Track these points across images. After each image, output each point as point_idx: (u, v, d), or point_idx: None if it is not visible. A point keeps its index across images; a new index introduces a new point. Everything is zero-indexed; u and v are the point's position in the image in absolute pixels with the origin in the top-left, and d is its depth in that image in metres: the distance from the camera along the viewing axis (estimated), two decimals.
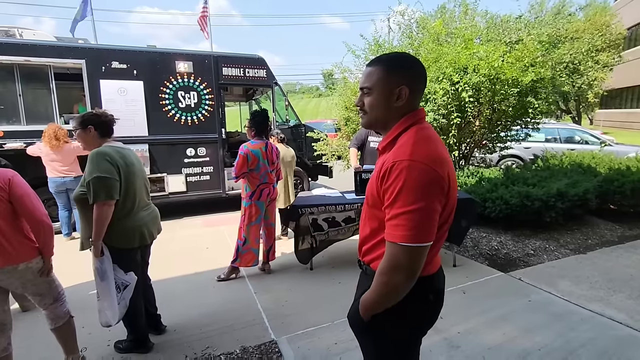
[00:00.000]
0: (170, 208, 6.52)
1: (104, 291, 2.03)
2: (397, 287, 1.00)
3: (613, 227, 4.61)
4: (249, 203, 3.33)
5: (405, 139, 1.04)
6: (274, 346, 2.37)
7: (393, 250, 0.97)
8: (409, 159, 0.96)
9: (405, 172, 0.94)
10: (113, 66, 5.20)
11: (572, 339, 2.32)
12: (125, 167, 2.08)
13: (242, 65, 6.12)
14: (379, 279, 1.02)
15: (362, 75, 1.13)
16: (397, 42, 6.23)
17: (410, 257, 0.96)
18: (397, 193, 0.95)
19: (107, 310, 2.04)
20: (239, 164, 3.21)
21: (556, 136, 9.07)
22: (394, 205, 0.95)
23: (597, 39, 18.38)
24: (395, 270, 0.98)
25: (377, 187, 1.04)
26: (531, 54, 4.91)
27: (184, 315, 2.78)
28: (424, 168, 0.95)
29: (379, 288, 1.03)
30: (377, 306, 1.06)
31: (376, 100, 1.09)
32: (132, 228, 2.14)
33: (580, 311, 2.67)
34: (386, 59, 1.10)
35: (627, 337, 2.34)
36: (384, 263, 1.00)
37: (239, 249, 3.36)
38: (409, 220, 0.93)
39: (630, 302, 2.78)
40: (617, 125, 20.98)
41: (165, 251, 4.28)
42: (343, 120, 6.53)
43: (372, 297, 1.06)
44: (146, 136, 5.47)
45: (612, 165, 5.36)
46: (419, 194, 0.93)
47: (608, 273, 3.31)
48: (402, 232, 0.94)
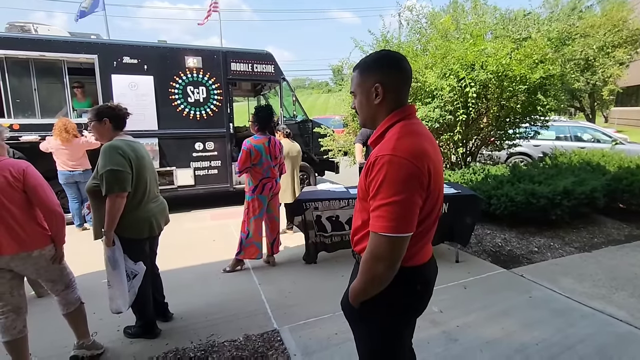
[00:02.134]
0: (179, 201, 6.65)
1: (115, 279, 2.12)
2: (378, 275, 1.05)
3: (620, 226, 4.56)
4: (251, 197, 3.40)
5: (391, 134, 1.09)
6: (276, 335, 2.44)
7: (375, 240, 1.02)
8: (390, 153, 1.00)
9: (387, 166, 0.99)
10: (124, 61, 5.31)
11: (570, 334, 2.34)
12: (137, 160, 2.16)
13: (251, 60, 6.18)
14: (363, 267, 1.07)
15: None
16: (404, 37, 6.20)
17: (391, 247, 1.00)
18: (378, 186, 1.00)
19: (119, 298, 2.13)
20: (242, 159, 3.28)
21: (567, 134, 8.92)
22: (376, 197, 1.01)
23: (613, 35, 17.90)
24: (376, 259, 1.03)
25: (364, 180, 1.09)
26: (540, 51, 4.85)
27: (190, 304, 2.88)
28: (404, 162, 0.99)
29: (363, 276, 1.08)
30: (362, 293, 1.11)
31: (359, 102, 1.18)
32: (141, 219, 2.23)
33: (580, 308, 2.68)
34: (362, 63, 1.18)
35: (626, 334, 2.35)
36: (367, 253, 1.05)
37: (243, 242, 3.44)
38: (389, 212, 0.98)
39: (632, 300, 2.78)
40: (632, 124, 20.50)
41: (174, 242, 4.39)
42: (350, 116, 6.55)
43: (358, 284, 1.11)
44: (156, 130, 5.59)
45: (621, 163, 5.29)
46: (399, 187, 0.98)
47: (612, 271, 3.30)
48: (383, 223, 0.99)
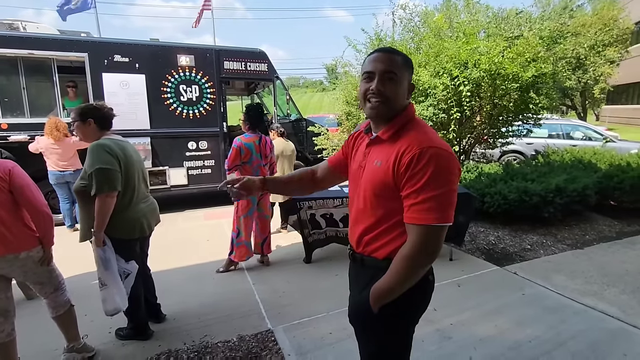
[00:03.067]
0: (172, 201, 6.59)
1: (110, 279, 2.08)
2: (422, 268, 1.05)
3: (612, 223, 4.61)
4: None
5: (415, 129, 1.08)
6: (270, 335, 2.43)
7: (424, 232, 1.00)
8: (435, 146, 1.01)
9: (435, 159, 0.99)
10: (115, 59, 5.24)
11: (562, 331, 2.36)
12: (125, 159, 2.13)
13: (244, 59, 6.13)
14: (405, 263, 1.03)
15: (378, 60, 1.09)
16: (398, 36, 6.21)
17: (440, 237, 1.01)
18: (428, 178, 0.98)
19: (116, 295, 2.09)
20: (232, 157, 3.27)
21: (559, 132, 9.00)
22: (424, 190, 0.98)
23: (604, 34, 18.12)
24: (424, 252, 1.01)
25: (393, 176, 1.04)
26: (532, 49, 4.88)
27: (183, 305, 2.85)
28: (448, 155, 1.02)
29: (403, 272, 1.04)
30: (394, 293, 1.07)
31: (397, 90, 1.10)
32: (132, 219, 2.19)
33: (572, 305, 2.71)
34: (400, 52, 1.13)
35: (617, 330, 2.37)
36: (413, 247, 1.01)
37: (234, 242, 3.41)
38: (440, 202, 0.98)
39: (623, 296, 2.81)
40: (623, 122, 20.77)
41: (167, 243, 4.35)
42: (344, 114, 6.55)
43: (388, 284, 1.06)
44: (148, 129, 5.53)
45: (612, 161, 5.35)
46: (448, 178, 1.00)
47: (604, 268, 3.33)
48: (435, 215, 0.98)
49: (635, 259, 3.52)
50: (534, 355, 2.14)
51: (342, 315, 2.60)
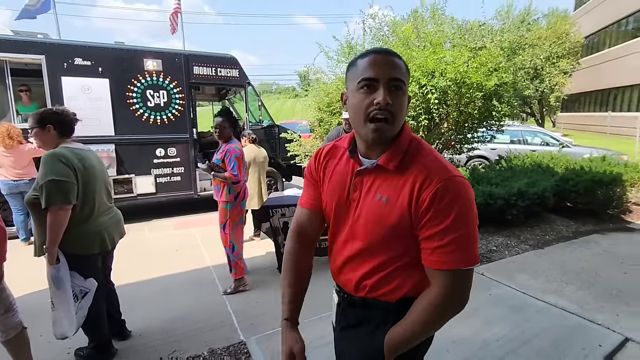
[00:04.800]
0: (139, 210, 6.33)
1: (60, 300, 1.93)
2: (450, 317, 0.90)
3: (569, 224, 4.90)
4: (233, 205, 3.09)
5: (423, 152, 0.92)
6: (242, 347, 2.37)
7: (454, 277, 0.85)
8: (454, 174, 0.85)
9: (460, 192, 0.84)
10: (76, 63, 4.99)
11: (527, 329, 2.46)
12: (84, 169, 2.00)
13: (214, 64, 6.03)
14: (433, 315, 0.88)
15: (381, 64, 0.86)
16: (368, 45, 6.33)
17: (470, 279, 0.88)
18: (455, 216, 0.83)
19: (64, 319, 1.94)
20: (240, 166, 3.03)
21: (520, 138, 9.52)
22: (452, 230, 0.83)
23: (558, 46, 19.49)
24: (456, 301, 0.88)
25: (410, 215, 0.87)
26: (494, 60, 5.14)
27: (150, 320, 2.72)
28: (468, 184, 0.87)
29: (429, 324, 0.89)
30: (414, 343, 0.93)
31: (406, 103, 0.91)
32: (91, 233, 2.06)
33: (536, 303, 2.84)
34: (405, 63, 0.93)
35: (576, 326, 2.50)
36: (442, 296, 0.86)
37: (231, 258, 3.13)
38: (466, 242, 0.85)
39: (580, 293, 2.98)
40: (576, 128, 22.30)
41: (133, 254, 4.16)
42: (316, 121, 6.58)
43: (413, 335, 0.91)
44: (112, 136, 5.29)
45: (568, 165, 5.70)
46: (473, 212, 0.86)
47: (562, 266, 3.53)
48: (463, 255, 0.84)
49: (590, 257, 3.75)
50: (502, 354, 2.22)
51: (317, 323, 2.58)
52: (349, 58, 5.98)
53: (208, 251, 4.21)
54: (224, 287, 3.25)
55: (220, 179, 3.03)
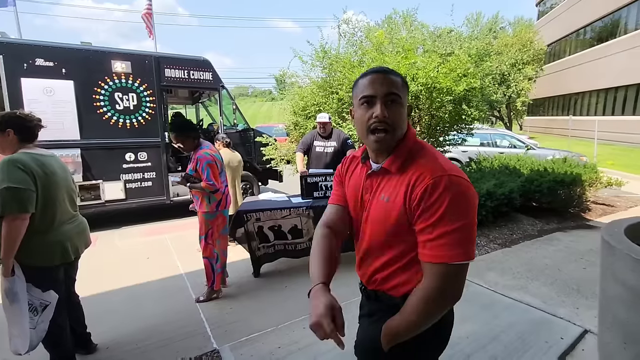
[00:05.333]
0: (108, 217, 6.10)
1: (13, 316, 1.80)
2: (441, 312, 0.93)
3: (534, 222, 5.13)
4: (216, 214, 2.95)
5: (425, 155, 0.98)
6: (216, 355, 2.32)
7: (443, 271, 0.88)
8: (450, 173, 0.90)
9: (451, 188, 0.88)
10: (37, 64, 4.76)
11: (495, 325, 2.56)
12: (45, 176, 1.90)
13: (187, 67, 5.92)
14: (421, 307, 0.92)
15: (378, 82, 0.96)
16: (342, 49, 6.42)
17: (462, 276, 0.90)
18: (444, 211, 0.87)
19: (17, 337, 1.82)
20: (214, 174, 2.81)
21: (489, 140, 9.90)
22: (440, 224, 0.87)
23: (522, 53, 20.50)
24: (445, 293, 0.90)
25: (406, 210, 0.93)
26: (463, 66, 5.33)
27: (118, 331, 2.62)
28: (464, 182, 0.91)
29: (418, 315, 0.93)
30: (409, 334, 0.96)
31: (404, 115, 1.00)
32: (52, 244, 1.94)
33: (503, 299, 2.95)
34: (397, 73, 1.02)
35: (540, 320, 2.62)
36: (431, 288, 0.90)
37: (214, 269, 3.00)
38: (459, 237, 0.87)
39: (544, 288, 3.13)
40: (541, 131, 23.45)
41: (101, 263, 4.00)
42: (292, 124, 6.58)
43: (405, 324, 0.95)
44: (78, 140, 5.07)
45: (533, 166, 5.97)
46: (467, 208, 0.89)
47: (528, 264, 3.69)
48: (454, 251, 0.87)
49: (553, 254, 3.94)
50: (472, 350, 2.29)
51: (291, 328, 2.57)
52: (323, 62, 6.03)
53: (181, 258, 4.11)
54: (197, 294, 3.17)
55: (197, 189, 2.89)
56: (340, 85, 5.58)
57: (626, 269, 1.49)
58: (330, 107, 5.70)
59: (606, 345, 1.70)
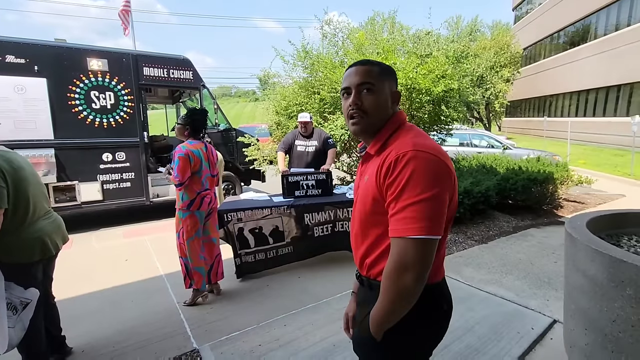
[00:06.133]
0: (85, 219, 5.93)
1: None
2: (406, 289, 0.89)
3: (509, 219, 5.31)
4: (186, 214, 2.86)
5: (401, 136, 1.00)
6: (195, 355, 2.31)
7: (401, 245, 0.87)
8: (413, 149, 0.90)
9: (413, 162, 0.88)
10: (7, 60, 4.59)
11: (470, 318, 2.64)
12: (13, 171, 1.86)
13: (166, 65, 5.83)
14: (386, 283, 0.91)
15: (352, 74, 1.03)
16: (324, 50, 6.46)
17: (421, 251, 0.86)
18: (404, 184, 0.87)
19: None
20: (182, 167, 2.73)
21: (468, 141, 10.17)
22: (401, 197, 0.88)
23: (499, 56, 21.13)
24: (403, 270, 0.87)
25: (378, 188, 0.96)
26: (441, 67, 5.46)
27: (94, 334, 2.56)
28: (431, 157, 0.90)
29: (387, 294, 0.92)
30: (387, 318, 0.95)
31: (379, 101, 1.02)
32: (31, 239, 1.92)
33: (478, 293, 3.05)
34: (377, 62, 1.07)
35: (512, 312, 2.73)
36: (390, 264, 0.90)
37: (188, 269, 2.92)
38: (419, 211, 0.85)
39: (517, 282, 3.25)
40: (518, 132, 24.21)
41: (78, 265, 3.90)
42: (274, 124, 6.56)
43: (381, 307, 0.95)
44: (51, 140, 4.92)
45: (508, 165, 6.18)
46: (429, 182, 0.87)
47: (502, 259, 3.82)
48: (412, 225, 0.85)
49: (526, 249, 4.10)
50: (448, 342, 2.36)
51: (272, 326, 2.59)
52: (305, 62, 6.05)
53: (160, 259, 4.05)
54: (177, 295, 3.14)
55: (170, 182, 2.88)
56: (322, 85, 5.61)
57: (586, 259, 1.58)
58: (312, 107, 5.73)
59: (570, 332, 1.79)
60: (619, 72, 14.69)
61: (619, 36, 14.98)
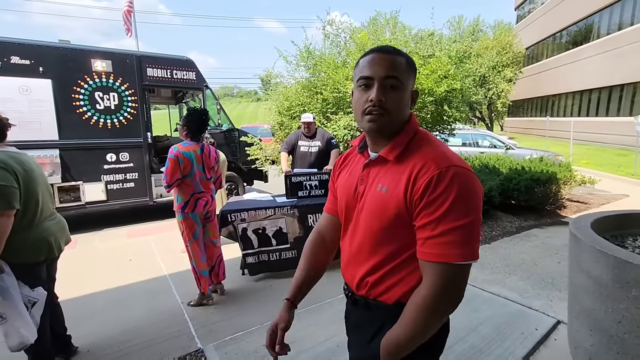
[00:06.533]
0: (88, 219, 5.96)
1: (10, 311, 1.80)
2: (444, 316, 0.84)
3: (512, 220, 5.30)
4: (182, 216, 2.87)
5: (428, 144, 0.90)
6: (200, 355, 2.32)
7: (446, 272, 0.80)
8: (456, 164, 0.82)
9: (457, 180, 0.80)
10: (13, 61, 4.62)
11: (474, 318, 2.64)
12: (24, 173, 1.89)
13: (169, 66, 5.86)
14: (422, 312, 0.82)
15: (377, 63, 0.89)
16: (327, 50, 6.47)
17: (465, 277, 0.83)
18: (449, 205, 0.79)
19: (22, 328, 1.82)
20: (170, 170, 2.73)
21: (470, 141, 10.15)
22: (445, 220, 0.79)
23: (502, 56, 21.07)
24: (446, 298, 0.82)
25: (405, 203, 0.85)
26: (444, 67, 5.46)
27: (100, 334, 2.58)
28: (470, 175, 0.83)
29: (421, 324, 0.83)
30: (412, 345, 0.86)
31: (405, 100, 0.91)
32: (37, 240, 1.95)
33: (482, 294, 3.05)
34: (402, 52, 0.93)
35: (516, 312, 2.73)
36: (431, 292, 0.81)
37: (196, 271, 2.95)
38: (464, 235, 0.80)
39: (521, 282, 3.25)
40: (521, 132, 24.13)
41: (83, 266, 3.92)
42: (277, 125, 6.58)
43: (406, 337, 0.85)
44: (56, 140, 4.95)
45: (511, 166, 6.17)
46: (473, 203, 0.81)
47: (506, 259, 3.82)
48: (458, 250, 0.79)
49: (530, 250, 4.09)
50: (451, 342, 2.36)
51: None
52: (307, 62, 6.06)
53: (164, 260, 4.07)
54: (181, 295, 3.16)
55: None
56: (324, 85, 5.62)
57: (591, 260, 1.58)
58: (314, 107, 5.74)
59: (575, 333, 1.79)
60: (622, 72, 14.63)
61: (622, 35, 14.92)
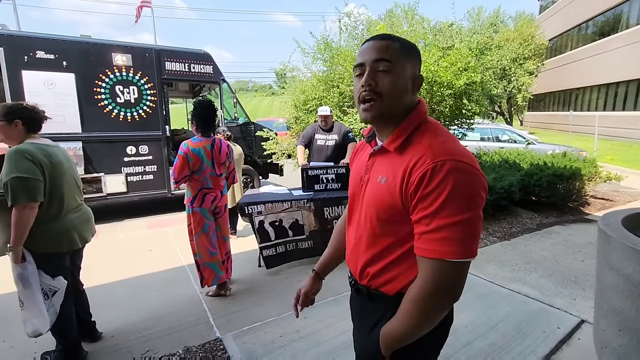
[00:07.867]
0: (109, 210, 6.13)
1: (28, 299, 1.88)
2: (440, 312, 0.84)
3: (533, 216, 5.17)
4: (190, 209, 2.86)
5: (427, 136, 0.86)
6: (219, 344, 2.36)
7: (439, 268, 0.79)
8: (454, 158, 0.79)
9: (454, 175, 0.77)
10: (38, 56, 4.76)
11: (493, 315, 2.60)
12: (51, 166, 1.94)
13: (187, 60, 5.92)
14: (417, 305, 0.83)
15: (368, 49, 0.89)
16: (344, 42, 6.40)
17: (460, 275, 0.81)
18: (444, 200, 0.76)
19: (34, 318, 1.89)
20: (179, 166, 2.71)
21: (489, 135, 9.92)
22: (439, 215, 0.77)
23: (523, 48, 20.42)
24: (442, 293, 0.81)
25: (401, 196, 0.84)
26: (464, 59, 5.33)
27: (122, 320, 2.66)
28: (471, 170, 0.80)
29: (417, 316, 0.83)
30: (408, 338, 0.87)
31: (401, 81, 0.87)
32: (59, 232, 2.00)
33: (501, 290, 2.99)
34: (398, 38, 0.90)
35: (537, 310, 2.66)
36: (426, 285, 0.81)
37: (199, 266, 2.93)
38: (459, 232, 0.77)
39: (542, 280, 3.17)
40: (541, 126, 23.43)
41: (105, 255, 4.03)
42: (293, 119, 6.58)
43: (401, 329, 0.86)
44: (79, 133, 5.09)
45: (532, 161, 5.99)
46: (470, 199, 0.78)
47: (526, 256, 3.73)
48: (452, 248, 0.77)
49: (551, 247, 3.98)
50: (471, 339, 2.33)
51: (293, 318, 2.61)
52: (324, 55, 6.02)
53: (182, 250, 4.14)
54: (199, 285, 3.21)
55: None
56: (341, 78, 5.58)
57: (622, 257, 1.52)
58: (331, 100, 5.70)
59: (602, 333, 1.74)
60: None
61: None
